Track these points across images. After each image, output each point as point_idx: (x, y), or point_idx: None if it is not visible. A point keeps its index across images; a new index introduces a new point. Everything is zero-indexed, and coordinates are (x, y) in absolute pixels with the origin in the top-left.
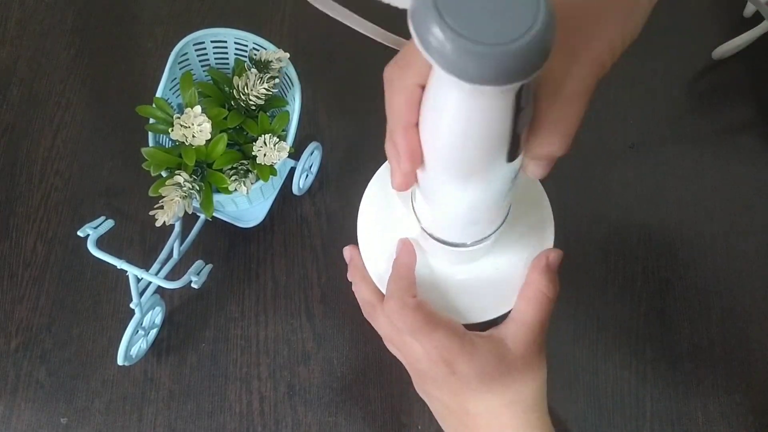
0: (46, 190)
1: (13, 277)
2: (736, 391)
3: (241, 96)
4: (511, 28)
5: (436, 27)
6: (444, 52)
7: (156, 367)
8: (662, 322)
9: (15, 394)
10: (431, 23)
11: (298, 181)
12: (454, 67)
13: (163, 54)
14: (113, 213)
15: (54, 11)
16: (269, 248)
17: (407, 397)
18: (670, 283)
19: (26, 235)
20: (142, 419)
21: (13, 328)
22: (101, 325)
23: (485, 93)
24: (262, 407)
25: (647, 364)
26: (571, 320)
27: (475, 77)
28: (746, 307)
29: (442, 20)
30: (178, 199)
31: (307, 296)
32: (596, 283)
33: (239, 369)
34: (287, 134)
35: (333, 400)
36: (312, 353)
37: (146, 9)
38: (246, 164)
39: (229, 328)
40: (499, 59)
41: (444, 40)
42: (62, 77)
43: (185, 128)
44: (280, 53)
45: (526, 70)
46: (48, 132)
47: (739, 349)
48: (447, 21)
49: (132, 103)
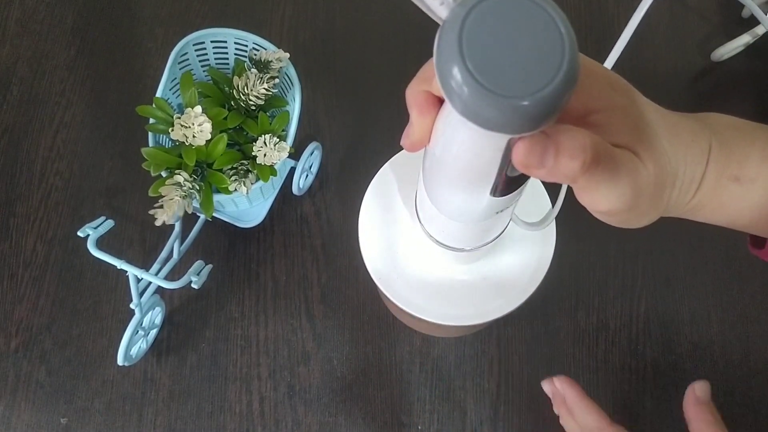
0: (46, 190)
1: (13, 277)
2: (736, 391)
3: (241, 96)
4: (528, 81)
5: (456, 69)
6: (455, 92)
7: (156, 368)
8: (662, 321)
9: (15, 394)
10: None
11: (298, 181)
12: (465, 110)
13: (163, 54)
14: (113, 213)
15: (54, 11)
16: (269, 248)
17: (407, 397)
18: (670, 283)
19: (26, 235)
20: (142, 419)
21: (13, 328)
22: (101, 325)
23: (481, 133)
24: (262, 407)
25: (647, 364)
26: (572, 320)
27: (482, 122)
28: (746, 307)
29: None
30: (178, 199)
31: (307, 296)
32: (596, 283)
33: (239, 369)
34: (287, 134)
35: (333, 400)
36: (312, 353)
37: (146, 9)
38: (246, 164)
39: (229, 328)
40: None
41: (462, 83)
42: (62, 77)
43: (185, 128)
44: (280, 53)
45: (529, 126)
46: (48, 132)
47: (738, 348)
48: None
49: (132, 103)
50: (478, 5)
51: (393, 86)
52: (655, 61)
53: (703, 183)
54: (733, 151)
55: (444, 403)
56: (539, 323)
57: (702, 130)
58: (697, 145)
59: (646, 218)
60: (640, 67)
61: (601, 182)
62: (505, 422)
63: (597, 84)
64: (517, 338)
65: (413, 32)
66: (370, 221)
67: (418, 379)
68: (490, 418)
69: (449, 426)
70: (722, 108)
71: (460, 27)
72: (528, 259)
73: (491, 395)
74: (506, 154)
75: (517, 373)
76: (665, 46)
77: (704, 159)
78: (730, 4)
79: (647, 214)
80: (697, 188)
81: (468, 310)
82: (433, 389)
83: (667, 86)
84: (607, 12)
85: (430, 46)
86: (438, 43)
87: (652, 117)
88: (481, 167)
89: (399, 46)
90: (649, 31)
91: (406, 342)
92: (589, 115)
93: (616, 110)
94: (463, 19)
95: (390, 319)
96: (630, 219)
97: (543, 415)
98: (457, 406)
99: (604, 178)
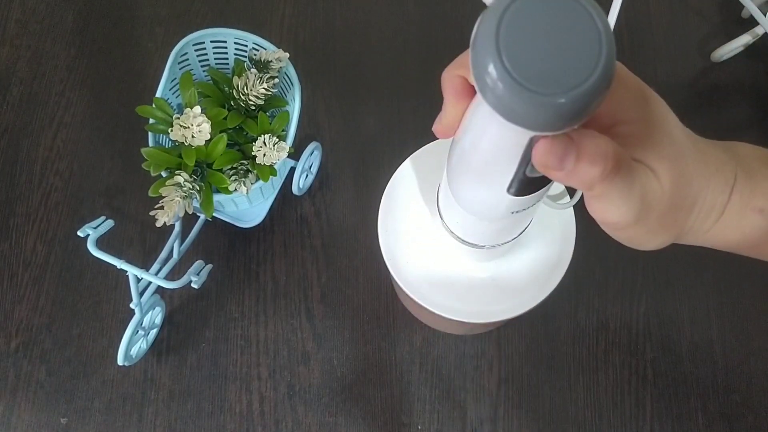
0: (46, 190)
1: (13, 277)
2: (736, 390)
3: (240, 96)
4: (563, 78)
5: (491, 65)
6: (489, 87)
7: (156, 367)
8: (662, 321)
9: (15, 394)
10: (489, 59)
11: (297, 181)
12: (498, 104)
13: (163, 54)
14: (113, 213)
15: (54, 11)
16: (269, 248)
17: (407, 397)
18: (670, 283)
19: (26, 235)
20: (142, 419)
21: (13, 328)
22: (101, 325)
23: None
24: (262, 407)
25: (647, 363)
26: (572, 320)
27: (512, 117)
28: (746, 307)
29: (499, 57)
30: (178, 200)
31: (307, 296)
32: (596, 283)
33: (239, 369)
34: (287, 134)
35: (333, 400)
36: (312, 353)
37: (146, 9)
38: (246, 164)
39: (229, 328)
40: (537, 108)
41: (497, 79)
42: (62, 77)
43: (185, 128)
44: (279, 53)
45: (559, 124)
46: (48, 132)
47: (738, 348)
48: (504, 58)
49: (132, 103)
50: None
51: (393, 86)
52: (655, 62)
53: (726, 212)
54: (759, 182)
55: (444, 402)
56: (539, 323)
57: (729, 161)
58: (722, 174)
59: (657, 239)
60: (640, 67)
61: (615, 192)
62: (505, 422)
63: (629, 95)
64: (517, 338)
65: (413, 32)
66: (390, 211)
67: (419, 379)
68: (490, 418)
69: (449, 426)
70: (722, 109)
71: (498, 21)
72: (542, 267)
73: (491, 395)
74: (527, 152)
75: (517, 373)
76: (665, 46)
77: (728, 188)
78: (730, 4)
79: (657, 234)
80: (718, 217)
81: (474, 307)
82: (433, 389)
83: (666, 86)
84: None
85: (430, 45)
86: (475, 37)
87: (680, 138)
88: (500, 161)
89: (399, 46)
90: (649, 30)
91: (406, 342)
92: (616, 125)
93: (643, 124)
94: (502, 12)
95: (390, 320)
96: (638, 236)
97: (543, 415)
98: (457, 405)
99: (620, 189)
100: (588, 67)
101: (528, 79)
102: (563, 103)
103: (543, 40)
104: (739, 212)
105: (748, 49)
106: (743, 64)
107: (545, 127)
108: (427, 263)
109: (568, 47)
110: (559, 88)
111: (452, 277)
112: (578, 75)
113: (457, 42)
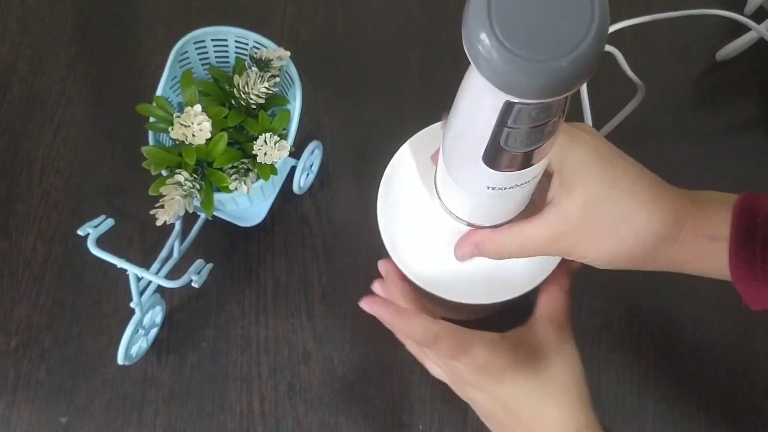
0: (46, 189)
1: (12, 277)
2: (738, 391)
3: (241, 95)
4: (557, 44)
5: (484, 34)
6: (483, 56)
7: (156, 367)
8: (664, 321)
9: (15, 393)
10: (481, 29)
11: (298, 180)
12: (492, 76)
13: (164, 52)
14: (113, 212)
15: (54, 10)
16: (270, 247)
17: (408, 397)
18: (672, 284)
19: (26, 235)
20: (142, 419)
21: (13, 327)
22: (101, 324)
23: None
24: (262, 407)
25: (649, 364)
26: (572, 320)
27: (506, 87)
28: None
29: (491, 28)
30: (179, 198)
31: (308, 296)
32: (596, 283)
33: (239, 368)
34: (288, 133)
35: (333, 400)
36: (312, 353)
37: (147, 7)
38: (246, 163)
39: (230, 327)
40: (532, 74)
41: (490, 47)
42: (62, 76)
43: (185, 127)
44: (280, 51)
45: (558, 89)
46: (48, 131)
47: (741, 349)
48: (495, 27)
49: (132, 102)
50: None
51: (394, 85)
52: (659, 62)
53: (680, 240)
54: (709, 215)
55: (445, 403)
56: None
57: (685, 199)
58: (674, 211)
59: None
60: (644, 65)
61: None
62: None
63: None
64: None
65: (414, 30)
66: (389, 193)
67: (419, 379)
68: None
69: (450, 426)
70: (726, 107)
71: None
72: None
73: None
74: (502, 116)
75: None
76: (668, 46)
77: (681, 221)
78: (735, 2)
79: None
80: (673, 244)
81: (473, 289)
82: (434, 389)
83: (670, 86)
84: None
85: (431, 45)
86: (467, 10)
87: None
88: (476, 129)
89: (400, 44)
90: (652, 30)
91: None
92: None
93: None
94: None
95: None
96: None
97: None
98: (458, 406)
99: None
100: (581, 30)
101: (522, 47)
102: (564, 67)
103: (534, 6)
104: (692, 239)
105: (753, 48)
106: (747, 63)
107: (541, 94)
108: (426, 245)
109: (561, 11)
110: (554, 54)
111: (450, 258)
112: (572, 39)
113: (458, 42)
